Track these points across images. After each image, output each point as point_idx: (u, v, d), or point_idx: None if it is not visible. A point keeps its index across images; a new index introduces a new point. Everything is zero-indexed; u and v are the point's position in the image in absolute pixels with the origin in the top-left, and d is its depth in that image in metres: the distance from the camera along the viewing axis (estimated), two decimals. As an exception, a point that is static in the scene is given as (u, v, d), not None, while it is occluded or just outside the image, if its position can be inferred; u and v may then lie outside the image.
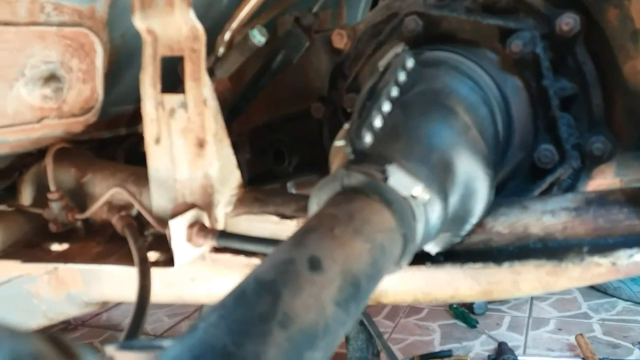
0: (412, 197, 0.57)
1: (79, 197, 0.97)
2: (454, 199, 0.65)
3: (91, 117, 0.94)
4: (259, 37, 1.05)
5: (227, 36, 1.05)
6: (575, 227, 0.69)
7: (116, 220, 0.91)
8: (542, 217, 0.71)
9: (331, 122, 1.17)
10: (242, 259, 0.83)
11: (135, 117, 1.06)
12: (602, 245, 0.67)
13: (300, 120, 1.22)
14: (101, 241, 0.93)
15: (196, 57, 0.81)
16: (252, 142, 1.26)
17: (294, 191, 1.31)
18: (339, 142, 0.67)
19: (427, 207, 0.58)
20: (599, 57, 0.89)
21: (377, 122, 0.66)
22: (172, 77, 0.83)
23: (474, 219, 0.70)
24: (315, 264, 0.43)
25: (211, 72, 1.05)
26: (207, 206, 0.84)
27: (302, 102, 1.21)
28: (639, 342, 2.22)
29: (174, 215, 0.81)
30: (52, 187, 0.95)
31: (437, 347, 2.31)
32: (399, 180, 0.57)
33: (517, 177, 0.97)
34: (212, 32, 0.95)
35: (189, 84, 0.81)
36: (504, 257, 0.71)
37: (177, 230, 0.80)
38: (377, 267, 0.49)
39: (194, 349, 0.35)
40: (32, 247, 0.95)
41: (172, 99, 0.83)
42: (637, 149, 0.90)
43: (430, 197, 0.58)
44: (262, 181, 1.27)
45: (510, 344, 2.22)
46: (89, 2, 0.83)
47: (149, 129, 0.85)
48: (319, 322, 0.40)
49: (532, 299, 2.60)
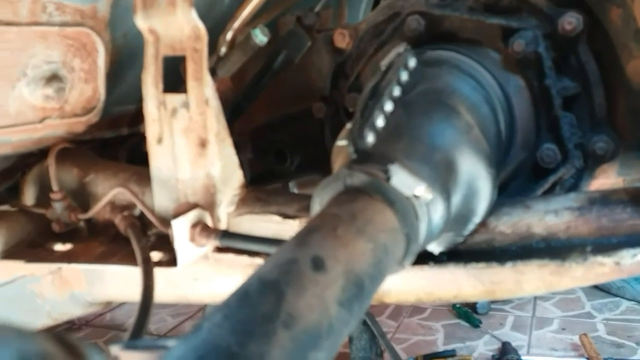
0: (415, 196, 0.57)
1: (82, 197, 0.97)
2: (456, 199, 0.65)
3: (93, 117, 0.94)
4: (260, 37, 1.05)
5: (229, 36, 1.05)
6: (578, 226, 0.69)
7: (119, 220, 0.91)
8: (545, 217, 0.71)
9: (333, 121, 1.17)
10: (245, 258, 0.83)
11: (137, 117, 1.06)
12: (605, 244, 0.67)
13: (302, 120, 1.22)
14: (104, 241, 0.93)
15: (198, 56, 0.80)
16: (254, 142, 1.26)
17: (296, 191, 1.31)
18: (341, 142, 0.67)
19: (430, 207, 0.58)
20: (601, 56, 0.89)
21: (380, 122, 0.66)
22: (174, 77, 0.83)
23: (477, 219, 0.70)
24: (318, 264, 0.43)
25: (213, 71, 1.05)
26: (210, 206, 0.84)
27: (304, 101, 1.20)
28: (643, 342, 2.22)
29: (177, 215, 0.81)
30: (54, 187, 0.95)
31: (441, 347, 2.30)
32: (402, 180, 0.56)
33: (519, 177, 0.96)
34: (214, 32, 0.95)
35: (191, 83, 0.81)
36: (507, 257, 0.70)
37: (180, 230, 0.80)
38: (380, 267, 0.49)
39: (198, 349, 0.35)
40: (35, 247, 0.95)
41: (174, 99, 0.83)
42: (639, 149, 0.90)
43: (432, 197, 0.58)
44: (264, 181, 1.27)
45: (513, 344, 2.21)
46: (91, 2, 0.84)
47: (151, 129, 0.85)
48: (322, 322, 0.40)
49: (535, 299, 2.59)
